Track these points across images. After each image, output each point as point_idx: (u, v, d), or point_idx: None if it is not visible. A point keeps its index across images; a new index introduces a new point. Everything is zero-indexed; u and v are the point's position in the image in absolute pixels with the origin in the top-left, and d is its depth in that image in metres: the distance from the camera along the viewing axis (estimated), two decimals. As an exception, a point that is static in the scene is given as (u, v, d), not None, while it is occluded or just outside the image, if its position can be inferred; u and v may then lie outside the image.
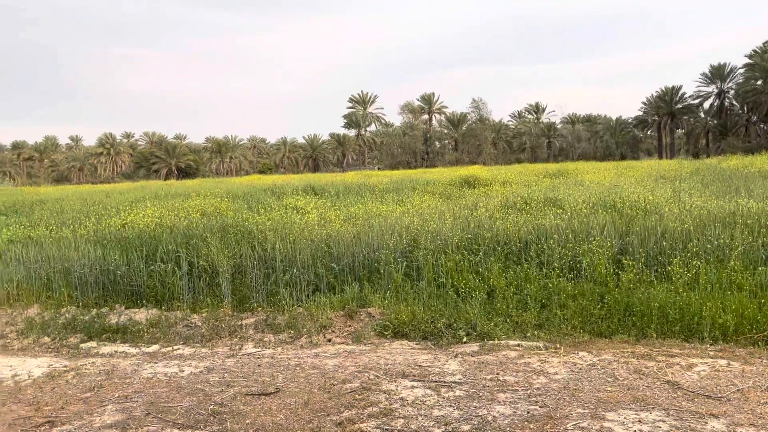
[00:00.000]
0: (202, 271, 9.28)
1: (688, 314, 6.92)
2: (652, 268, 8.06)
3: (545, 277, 8.08)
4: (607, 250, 8.29)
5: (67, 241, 10.71)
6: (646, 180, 20.34)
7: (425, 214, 11.99)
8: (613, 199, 11.96)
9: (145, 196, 24.03)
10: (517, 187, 21.23)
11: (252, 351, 7.41)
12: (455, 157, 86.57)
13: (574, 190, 15.94)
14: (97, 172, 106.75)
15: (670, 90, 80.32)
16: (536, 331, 7.27)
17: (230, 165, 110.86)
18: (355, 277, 8.97)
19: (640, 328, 7.00)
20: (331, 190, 23.67)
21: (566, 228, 9.26)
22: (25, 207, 21.93)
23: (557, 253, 8.47)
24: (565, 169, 31.21)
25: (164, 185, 38.32)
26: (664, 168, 29.64)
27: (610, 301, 7.38)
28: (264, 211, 14.84)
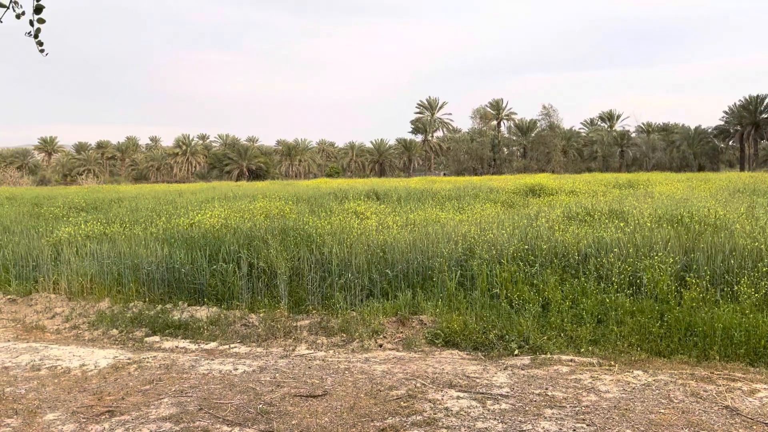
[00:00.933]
0: (261, 272, 9.55)
1: (754, 337, 6.59)
2: (718, 287, 7.70)
3: (603, 292, 7.86)
4: (670, 267, 7.99)
5: (138, 239, 11.28)
6: (720, 193, 19.41)
7: (483, 223, 11.90)
8: (680, 212, 11.50)
9: (214, 197, 24.89)
10: (584, 197, 20.72)
11: (305, 352, 7.57)
12: (523, 165, 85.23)
13: (642, 202, 15.40)
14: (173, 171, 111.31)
15: (754, 99, 76.33)
16: (591, 347, 7.10)
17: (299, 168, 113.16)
18: (408, 284, 9.01)
19: (702, 349, 6.71)
20: (394, 195, 23.79)
21: (627, 242, 8.98)
22: (104, 204, 23.14)
23: (617, 268, 8.23)
24: (636, 180, 30.18)
25: (234, 186, 39.57)
26: (743, 181, 28.18)
27: (671, 320, 7.11)
28: (325, 214, 15.11)
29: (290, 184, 43.90)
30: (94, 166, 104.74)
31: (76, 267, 10.28)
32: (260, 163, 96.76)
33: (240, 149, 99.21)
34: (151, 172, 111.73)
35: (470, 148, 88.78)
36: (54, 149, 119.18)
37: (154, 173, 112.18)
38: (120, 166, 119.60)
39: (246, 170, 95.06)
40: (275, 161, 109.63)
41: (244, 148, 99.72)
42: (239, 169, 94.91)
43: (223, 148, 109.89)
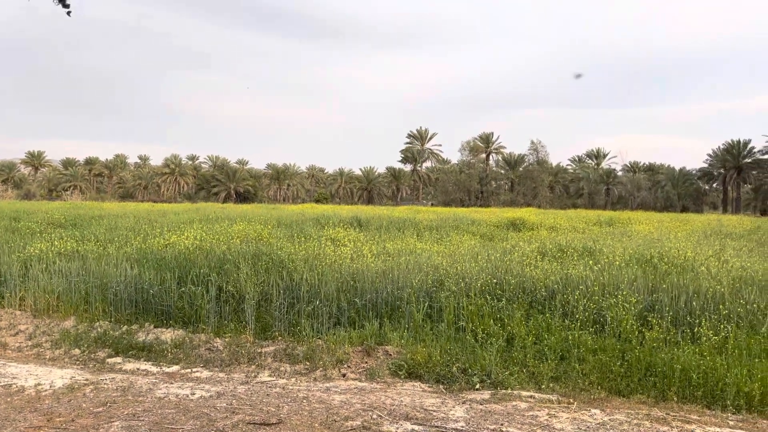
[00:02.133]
0: (229, 297, 9.51)
1: (712, 379, 6.63)
2: (680, 328, 7.77)
3: (567, 329, 7.90)
4: (634, 306, 8.05)
5: (110, 258, 11.20)
6: (695, 235, 19.65)
7: (457, 255, 11.95)
8: (651, 252, 11.62)
9: (196, 218, 24.82)
10: (563, 233, 20.88)
11: (266, 380, 7.51)
12: (510, 198, 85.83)
13: (617, 240, 15.56)
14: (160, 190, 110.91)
15: (737, 143, 77.72)
16: (552, 384, 7.10)
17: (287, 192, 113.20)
18: (376, 314, 9.00)
19: (661, 389, 6.74)
20: (376, 223, 23.85)
21: (595, 280, 9.06)
22: (84, 221, 22.99)
23: (582, 305, 8.28)
24: (617, 218, 30.50)
25: (219, 208, 39.49)
26: (722, 223, 28.58)
27: (632, 359, 7.15)
28: (304, 240, 15.10)
29: (276, 208, 43.89)
30: (80, 183, 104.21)
31: (43, 284, 10.18)
32: (248, 185, 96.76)
33: (229, 171, 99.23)
34: (138, 191, 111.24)
35: (458, 179, 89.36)
36: (41, 164, 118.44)
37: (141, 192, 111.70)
38: (107, 183, 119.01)
39: (234, 192, 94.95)
40: (264, 184, 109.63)
41: (233, 171, 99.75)
42: (227, 191, 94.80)
43: (211, 170, 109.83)
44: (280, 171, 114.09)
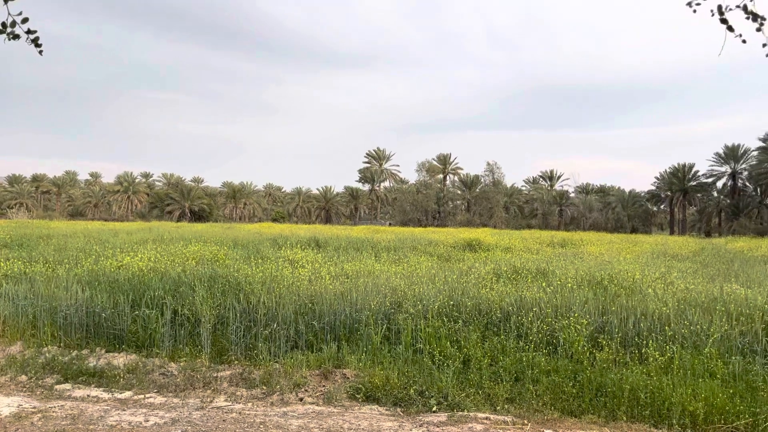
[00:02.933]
0: (185, 320, 9.37)
1: (659, 399, 6.87)
2: (629, 349, 8.03)
3: (521, 350, 8.07)
4: (585, 328, 8.29)
5: (60, 280, 10.90)
6: (644, 256, 20.31)
7: (415, 277, 12.07)
8: (602, 275, 11.99)
9: (150, 238, 24.34)
10: (518, 254, 21.29)
11: (222, 405, 7.42)
12: (467, 218, 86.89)
13: (569, 262, 15.96)
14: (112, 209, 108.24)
15: (682, 167, 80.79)
16: (507, 405, 7.23)
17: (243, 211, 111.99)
18: (334, 337, 9.00)
19: (611, 409, 6.94)
20: (334, 244, 23.85)
21: (548, 302, 9.29)
22: (31, 241, 22.26)
23: (536, 327, 8.48)
24: (570, 239, 31.25)
25: (173, 227, 38.80)
26: (669, 245, 29.59)
27: (583, 380, 7.35)
28: (261, 261, 15.00)
29: (232, 227, 43.37)
30: (27, 200, 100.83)
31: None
32: (203, 204, 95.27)
33: (183, 189, 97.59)
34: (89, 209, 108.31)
35: (416, 199, 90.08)
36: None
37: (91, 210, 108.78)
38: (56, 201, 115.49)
39: (188, 211, 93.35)
40: (219, 203, 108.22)
41: (188, 189, 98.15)
42: (181, 210, 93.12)
43: (166, 188, 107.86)
44: (237, 189, 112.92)
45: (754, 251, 25.13)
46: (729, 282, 12.35)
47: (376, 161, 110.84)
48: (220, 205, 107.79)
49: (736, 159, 75.89)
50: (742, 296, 9.97)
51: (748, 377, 7.19)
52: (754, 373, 7.22)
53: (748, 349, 7.95)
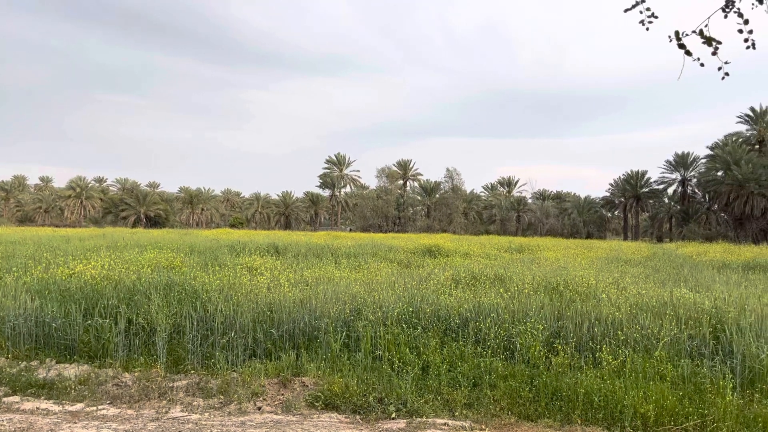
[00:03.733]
0: (139, 329, 9.17)
1: (612, 402, 7.04)
2: (583, 353, 8.22)
3: (479, 356, 8.17)
4: (541, 333, 8.45)
5: (7, 289, 10.53)
6: (599, 261, 20.81)
7: (375, 283, 12.09)
8: (557, 280, 12.24)
9: (103, 245, 23.75)
10: (477, 260, 21.54)
11: (178, 415, 7.28)
12: (426, 224, 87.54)
13: (526, 268, 16.23)
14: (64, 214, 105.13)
15: (635, 174, 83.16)
16: (465, 411, 7.30)
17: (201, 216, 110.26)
18: (293, 345, 8.94)
19: (566, 413, 7.08)
20: (294, 250, 23.71)
21: (505, 308, 9.44)
22: (-23, 248, 21.44)
23: (493, 333, 8.60)
24: (527, 245, 31.77)
25: (128, 233, 37.94)
26: (622, 250, 30.39)
27: (540, 384, 7.48)
28: (218, 268, 14.79)
29: (189, 233, 42.65)
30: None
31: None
32: (159, 210, 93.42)
33: (139, 195, 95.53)
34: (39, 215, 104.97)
35: (376, 205, 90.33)
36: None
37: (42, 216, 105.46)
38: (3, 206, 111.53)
39: (144, 217, 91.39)
40: (176, 208, 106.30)
41: (143, 194, 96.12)
42: (136, 216, 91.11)
43: (120, 193, 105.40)
44: (194, 195, 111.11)
45: (702, 256, 26.02)
46: (678, 287, 12.76)
47: (336, 167, 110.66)
48: (176, 211, 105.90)
49: (686, 166, 78.56)
50: (691, 301, 10.32)
51: (696, 379, 7.43)
52: (702, 375, 7.48)
53: (696, 352, 8.23)
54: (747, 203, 63.25)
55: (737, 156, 65.22)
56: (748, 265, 21.06)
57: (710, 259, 24.15)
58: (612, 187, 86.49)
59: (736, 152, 65.96)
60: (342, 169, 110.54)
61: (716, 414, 6.71)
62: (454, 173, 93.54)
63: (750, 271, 19.05)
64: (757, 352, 7.77)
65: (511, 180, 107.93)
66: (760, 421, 6.67)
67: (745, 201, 63.39)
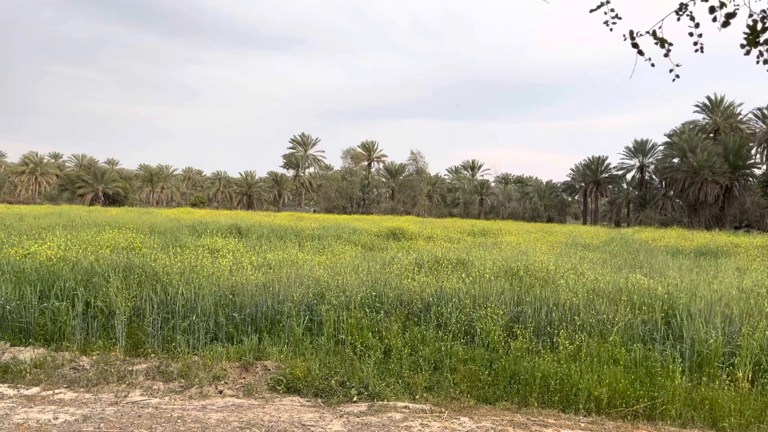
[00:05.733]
0: (98, 312, 9.01)
1: (567, 385, 7.25)
2: (541, 338, 8.43)
3: (440, 340, 8.29)
4: (501, 318, 8.63)
5: (-43, 270, 10.21)
6: (558, 246, 21.24)
7: (338, 267, 12.12)
8: (517, 265, 12.47)
9: (60, 223, 23.16)
10: (440, 243, 21.75)
11: (138, 399, 7.22)
12: (391, 206, 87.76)
13: (488, 252, 16.48)
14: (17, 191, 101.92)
15: (596, 160, 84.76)
16: (426, 394, 7.42)
17: (161, 195, 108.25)
18: (255, 328, 8.93)
19: (523, 396, 7.27)
20: (257, 232, 23.52)
21: (466, 292, 9.59)
22: (-75, 225, 20.67)
23: (454, 317, 8.74)
24: (489, 228, 32.18)
25: (85, 212, 37.03)
26: (581, 234, 31.05)
27: (498, 368, 7.65)
28: (179, 250, 14.59)
29: (148, 212, 41.85)
30: None
31: None
32: (118, 187, 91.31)
33: (96, 171, 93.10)
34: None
35: (341, 186, 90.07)
36: None
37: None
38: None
39: (102, 194, 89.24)
40: (135, 187, 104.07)
41: (101, 171, 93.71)
42: (94, 193, 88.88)
43: (77, 170, 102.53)
44: (154, 173, 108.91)
45: (658, 242, 26.80)
46: (634, 272, 13.14)
47: (301, 147, 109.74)
48: (136, 189, 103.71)
49: (645, 153, 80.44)
50: (645, 286, 10.64)
51: (647, 363, 7.71)
52: (653, 359, 7.75)
53: (648, 336, 8.52)
54: (701, 190, 65.22)
55: (693, 144, 67.06)
56: (700, 251, 21.80)
57: (665, 244, 24.89)
58: (573, 172, 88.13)
59: (692, 140, 67.82)
60: (307, 150, 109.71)
61: (666, 396, 6.99)
62: (419, 156, 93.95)
63: (702, 257, 19.72)
64: (705, 337, 8.08)
65: (475, 163, 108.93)
66: (707, 404, 6.98)
67: (699, 187, 65.34)
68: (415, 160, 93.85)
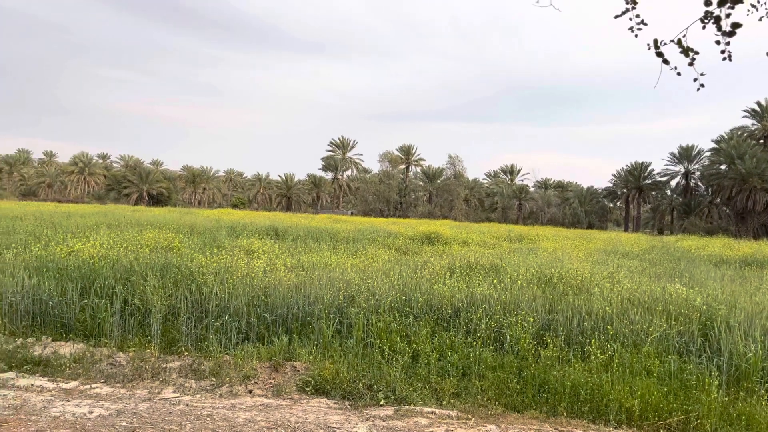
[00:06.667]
0: (135, 309, 9.27)
1: (598, 395, 7.12)
2: (572, 347, 8.30)
3: (469, 346, 8.25)
4: (532, 325, 8.53)
5: (5, 265, 10.63)
6: (596, 254, 20.86)
7: (370, 270, 12.17)
8: (551, 272, 12.30)
9: (104, 222, 23.85)
10: (475, 248, 21.60)
11: (170, 396, 7.39)
12: (428, 210, 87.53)
13: (523, 258, 16.30)
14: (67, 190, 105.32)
15: (639, 165, 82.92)
16: (453, 400, 7.40)
17: (203, 196, 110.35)
18: (286, 329, 9.04)
19: (552, 405, 7.17)
20: (294, 233, 23.78)
21: (497, 299, 9.51)
22: (-22, 223, 21.55)
23: (484, 323, 8.68)
24: (526, 234, 31.81)
25: (129, 211, 38.04)
26: (621, 241, 30.41)
27: (527, 376, 7.57)
28: (217, 250, 14.88)
29: (190, 212, 42.74)
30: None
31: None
32: (162, 188, 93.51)
33: (141, 172, 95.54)
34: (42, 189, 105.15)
35: (378, 190, 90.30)
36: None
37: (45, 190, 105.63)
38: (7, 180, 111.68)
39: (146, 194, 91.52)
40: (179, 187, 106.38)
41: (146, 172, 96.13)
42: (139, 193, 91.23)
43: (123, 170, 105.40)
44: (197, 174, 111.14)
45: (701, 250, 26.03)
46: (673, 282, 12.82)
47: (339, 150, 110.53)
48: (179, 190, 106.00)
49: (690, 159, 78.37)
50: (683, 296, 10.38)
51: (682, 376, 7.51)
52: (688, 372, 7.55)
53: (684, 348, 8.30)
54: (749, 198, 63.15)
55: (741, 150, 65.00)
56: (746, 260, 21.10)
57: (708, 253, 24.18)
58: (615, 177, 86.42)
59: (741, 146, 65.74)
60: (345, 153, 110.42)
61: (701, 411, 6.80)
62: (457, 159, 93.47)
63: (746, 267, 19.09)
64: (744, 350, 7.84)
65: (514, 168, 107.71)
66: (744, 419, 6.76)
67: (747, 195, 63.28)
68: (453, 164, 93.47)
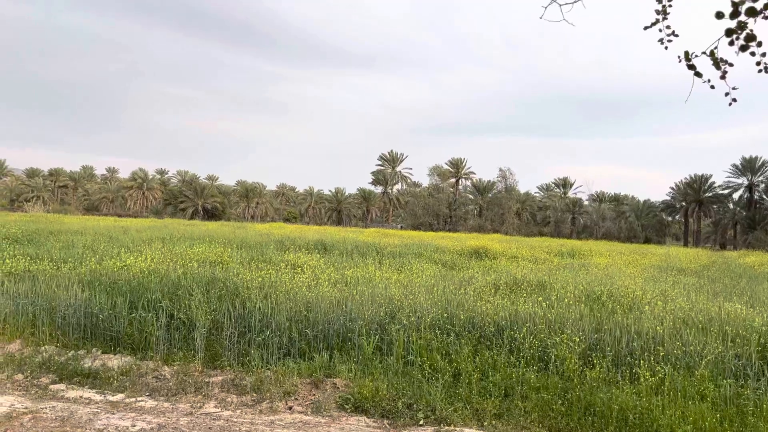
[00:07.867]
0: (180, 323, 9.44)
1: (648, 420, 6.81)
2: (620, 368, 7.96)
3: (512, 366, 8.03)
4: (578, 345, 8.24)
5: (60, 279, 11.03)
6: (651, 270, 20.13)
7: (413, 286, 12.06)
8: (601, 289, 11.90)
9: (158, 236, 24.54)
10: (525, 263, 21.20)
11: (211, 411, 7.46)
12: (478, 224, 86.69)
13: (574, 273, 15.86)
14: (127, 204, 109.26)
15: (699, 178, 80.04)
16: (494, 421, 7.20)
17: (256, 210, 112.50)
18: (327, 345, 9.02)
19: (598, 428, 6.89)
20: (341, 248, 23.90)
21: (542, 317, 9.25)
22: (42, 236, 22.53)
23: (528, 342, 8.44)
24: (579, 249, 31.05)
25: (185, 225, 39.09)
26: (679, 257, 29.31)
27: (573, 398, 7.30)
28: (264, 265, 15.07)
29: (242, 226, 43.61)
30: (44, 193, 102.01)
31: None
32: (216, 202, 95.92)
33: (197, 187, 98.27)
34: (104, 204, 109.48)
35: (427, 203, 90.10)
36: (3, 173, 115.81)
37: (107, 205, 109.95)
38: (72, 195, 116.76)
39: (201, 209, 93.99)
40: (232, 202, 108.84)
41: (202, 187, 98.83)
42: (194, 207, 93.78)
43: (180, 185, 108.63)
44: (250, 189, 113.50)
45: (765, 267, 24.81)
46: (731, 300, 12.21)
47: (388, 164, 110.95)
48: (233, 204, 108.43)
49: (754, 171, 75.16)
50: (742, 316, 9.86)
51: (739, 401, 7.11)
52: (745, 397, 7.14)
53: (741, 372, 7.85)
54: (819, 211, 59.97)
55: (810, 161, 61.90)
56: (814, 278, 19.94)
57: (773, 270, 23.00)
58: (673, 190, 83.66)
59: (809, 157, 62.59)
60: (394, 167, 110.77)
61: (759, 439, 6.41)
62: (508, 173, 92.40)
63: (815, 285, 18.02)
64: (808, 375, 7.36)
65: (567, 181, 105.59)
66: (807, 450, 6.33)
67: (816, 209, 60.12)
68: (504, 177, 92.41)
